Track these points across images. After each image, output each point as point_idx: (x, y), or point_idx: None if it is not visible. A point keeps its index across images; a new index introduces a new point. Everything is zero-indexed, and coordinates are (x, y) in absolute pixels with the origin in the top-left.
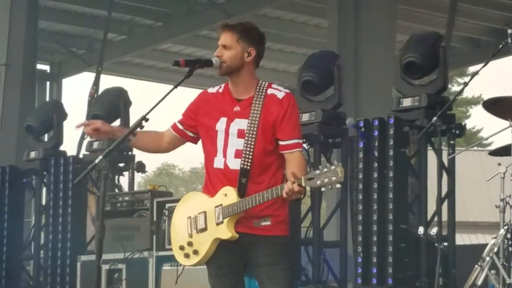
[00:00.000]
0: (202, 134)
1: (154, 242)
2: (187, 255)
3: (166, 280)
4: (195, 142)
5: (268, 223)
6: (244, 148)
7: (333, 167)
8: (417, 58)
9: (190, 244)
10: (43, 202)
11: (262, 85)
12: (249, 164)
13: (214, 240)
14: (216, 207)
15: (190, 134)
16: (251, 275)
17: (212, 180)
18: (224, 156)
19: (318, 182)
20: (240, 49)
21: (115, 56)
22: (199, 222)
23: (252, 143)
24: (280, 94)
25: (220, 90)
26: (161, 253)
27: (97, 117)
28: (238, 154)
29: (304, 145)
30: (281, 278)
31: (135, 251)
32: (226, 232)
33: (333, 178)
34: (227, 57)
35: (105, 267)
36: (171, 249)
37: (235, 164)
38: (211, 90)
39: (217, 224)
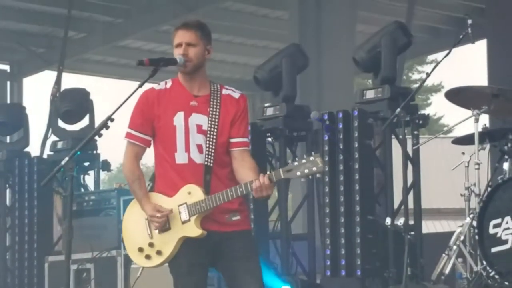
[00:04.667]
0: (157, 132)
1: (122, 240)
2: (148, 257)
3: (135, 279)
4: (150, 146)
5: (238, 217)
6: (207, 145)
7: (311, 157)
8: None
9: (151, 245)
10: (8, 203)
11: (216, 85)
12: (211, 161)
13: (180, 238)
14: (179, 205)
15: (149, 138)
16: (218, 269)
17: (173, 178)
18: (187, 151)
19: (298, 173)
20: (203, 46)
21: (75, 54)
22: None
23: (214, 140)
24: (236, 95)
25: (168, 86)
26: None
27: (69, 113)
28: (200, 149)
29: (269, 139)
30: (256, 270)
31: (103, 250)
32: (194, 230)
33: (314, 168)
34: (193, 55)
35: (73, 267)
36: None
37: (200, 158)
38: (157, 87)
39: (183, 222)
